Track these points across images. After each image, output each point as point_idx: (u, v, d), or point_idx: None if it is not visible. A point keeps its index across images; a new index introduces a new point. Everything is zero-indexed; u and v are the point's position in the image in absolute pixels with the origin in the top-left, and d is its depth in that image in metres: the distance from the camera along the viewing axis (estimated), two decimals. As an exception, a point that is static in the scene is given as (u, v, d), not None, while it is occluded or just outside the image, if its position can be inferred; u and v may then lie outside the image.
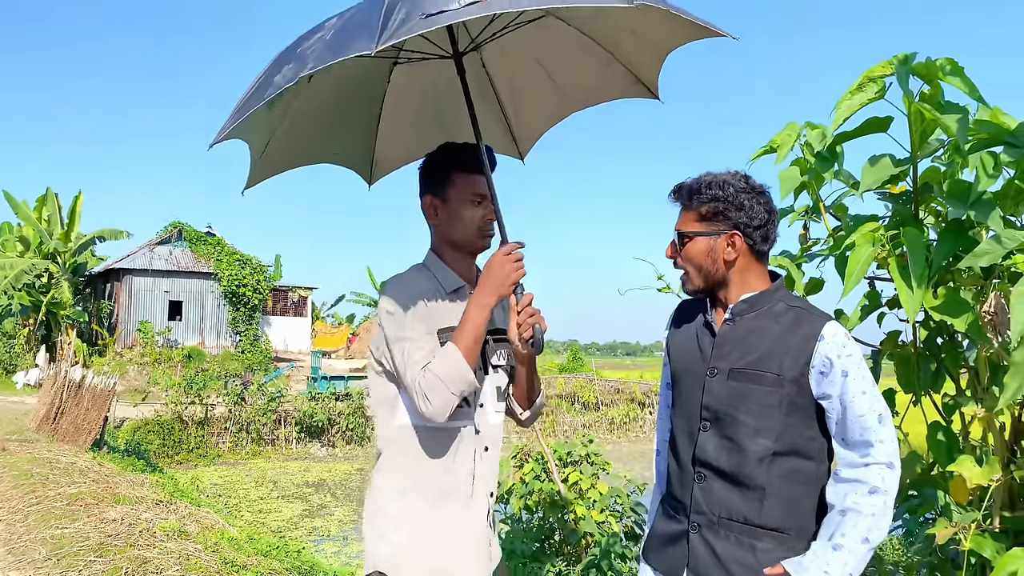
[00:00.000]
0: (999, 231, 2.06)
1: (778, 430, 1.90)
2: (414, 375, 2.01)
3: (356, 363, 33.70)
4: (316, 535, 14.07)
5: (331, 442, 23.51)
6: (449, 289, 2.19)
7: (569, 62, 2.56)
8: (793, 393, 1.89)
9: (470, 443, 2.15)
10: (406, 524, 2.10)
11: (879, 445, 1.84)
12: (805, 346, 1.88)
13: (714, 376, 2.00)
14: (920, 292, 2.11)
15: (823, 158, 2.37)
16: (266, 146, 2.35)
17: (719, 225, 1.98)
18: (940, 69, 2.10)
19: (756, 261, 2.00)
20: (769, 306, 1.97)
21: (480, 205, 2.20)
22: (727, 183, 1.97)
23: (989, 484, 2.08)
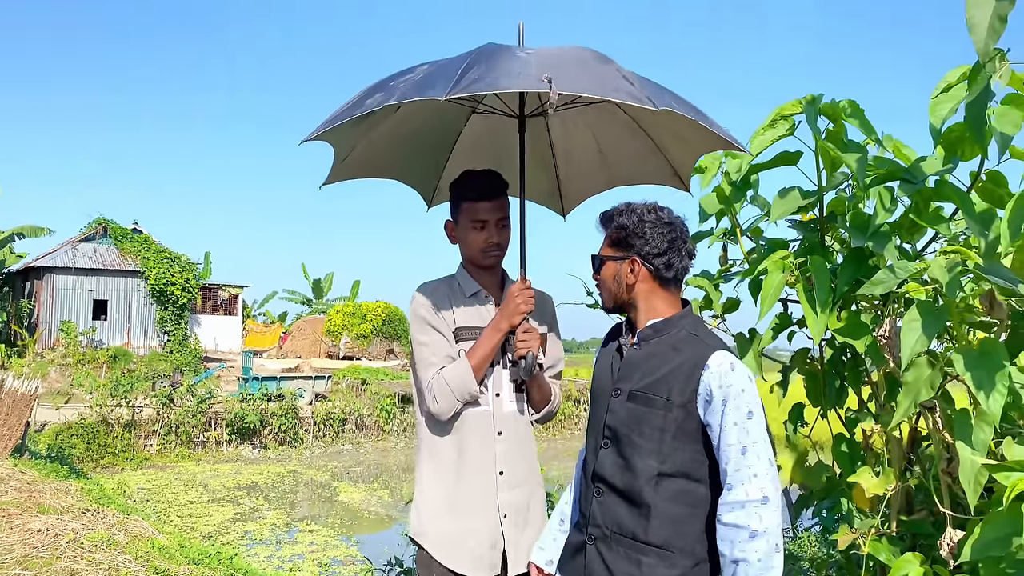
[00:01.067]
0: (894, 261, 2.24)
1: (666, 452, 2.02)
2: (427, 377, 2.47)
3: (288, 363, 33.29)
4: (248, 539, 13.89)
5: (263, 444, 23.17)
6: (468, 293, 2.59)
7: (619, 143, 2.87)
8: (681, 418, 2.01)
9: (484, 428, 2.51)
10: (428, 496, 2.54)
11: (749, 480, 1.90)
12: (693, 374, 2.00)
13: (617, 397, 2.13)
14: (824, 316, 2.28)
15: (738, 187, 2.54)
16: (349, 154, 2.69)
17: (623, 251, 2.12)
18: (843, 110, 2.27)
19: (661, 287, 2.12)
20: (672, 332, 2.09)
21: (482, 230, 2.54)
22: (634, 212, 2.10)
23: (886, 493, 2.27)
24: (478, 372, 2.45)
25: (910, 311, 2.07)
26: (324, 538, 14.13)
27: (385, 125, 2.68)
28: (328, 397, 26.05)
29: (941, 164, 2.34)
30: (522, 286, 2.47)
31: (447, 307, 2.53)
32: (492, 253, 2.56)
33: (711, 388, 1.97)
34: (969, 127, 1.99)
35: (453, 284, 2.61)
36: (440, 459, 2.52)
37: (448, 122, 2.90)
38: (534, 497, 2.62)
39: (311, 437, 24.04)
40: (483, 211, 2.52)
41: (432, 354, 2.48)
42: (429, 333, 2.51)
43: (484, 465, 2.50)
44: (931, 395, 2.09)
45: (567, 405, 30.24)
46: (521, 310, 2.45)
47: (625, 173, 2.99)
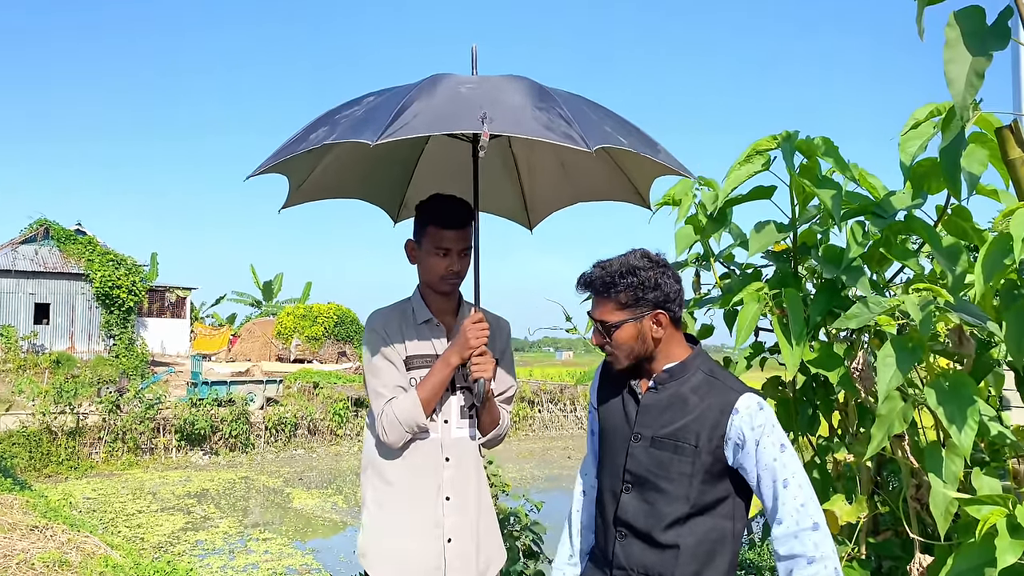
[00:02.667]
0: (868, 295, 2.30)
1: (694, 497, 2.05)
2: (378, 408, 2.50)
3: (238, 366, 32.73)
4: (200, 549, 13.64)
5: (214, 449, 22.77)
6: (420, 320, 2.60)
7: (581, 161, 2.87)
8: (709, 463, 2.04)
9: (432, 454, 2.54)
10: (373, 517, 2.58)
11: (797, 511, 1.93)
12: (721, 420, 2.02)
13: (638, 442, 2.13)
14: (799, 348, 2.33)
15: (714, 220, 2.58)
16: (306, 179, 2.72)
17: (642, 309, 2.09)
18: (817, 148, 2.33)
19: (675, 330, 2.14)
20: (688, 375, 2.11)
21: (445, 257, 2.54)
22: (636, 268, 2.08)
23: (859, 520, 2.33)
24: (427, 405, 2.49)
25: (885, 347, 2.13)
26: (278, 546, 13.94)
27: (341, 149, 2.70)
28: (280, 401, 25.70)
29: (910, 199, 2.41)
30: (474, 320, 2.47)
31: (399, 335, 2.56)
32: (451, 280, 2.58)
33: (743, 432, 2.00)
34: (944, 172, 2.05)
35: (407, 310, 2.63)
36: (386, 482, 2.56)
37: (410, 143, 2.91)
38: (483, 522, 2.65)
39: (263, 442, 23.69)
40: (448, 239, 2.54)
41: (382, 385, 2.52)
42: (380, 362, 2.54)
43: (430, 490, 2.54)
44: (903, 427, 2.16)
45: (521, 407, 30.30)
46: (471, 345, 2.46)
47: (589, 189, 3.02)
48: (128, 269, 32.12)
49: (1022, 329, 1.89)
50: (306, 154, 2.35)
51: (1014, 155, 1.93)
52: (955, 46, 1.74)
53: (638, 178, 2.84)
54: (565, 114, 2.10)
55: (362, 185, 2.96)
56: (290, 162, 2.40)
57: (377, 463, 2.58)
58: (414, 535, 2.53)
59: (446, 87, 2.19)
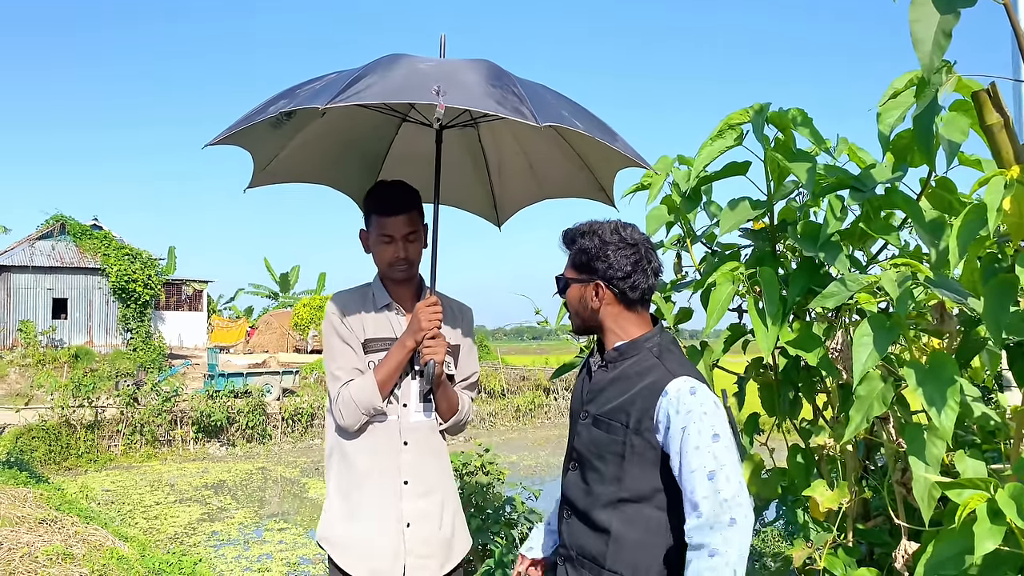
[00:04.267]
0: (845, 273, 2.20)
1: (624, 478, 1.99)
2: (335, 391, 2.50)
3: (255, 358, 32.91)
4: (215, 540, 13.72)
5: (231, 441, 22.92)
6: (379, 305, 2.60)
7: (547, 157, 2.88)
8: (638, 444, 1.98)
9: (390, 438, 2.53)
10: (334, 501, 2.56)
11: (720, 504, 1.83)
12: (650, 400, 1.96)
13: (584, 420, 2.11)
14: (775, 329, 2.24)
15: (688, 199, 2.49)
16: (271, 161, 2.68)
17: (587, 275, 2.07)
18: (792, 120, 2.23)
19: (627, 309, 2.07)
20: (638, 355, 2.05)
21: (390, 244, 2.53)
22: (596, 234, 2.04)
23: (841, 506, 2.24)
24: (383, 388, 2.48)
25: (861, 326, 2.03)
26: (293, 536, 13.99)
27: (309, 132, 2.67)
28: (296, 392, 25.82)
29: (891, 172, 2.31)
30: (428, 303, 2.47)
31: (358, 319, 2.55)
32: (399, 268, 2.57)
33: (669, 415, 1.93)
34: (917, 140, 1.95)
35: (367, 294, 2.63)
36: (346, 465, 2.55)
37: (379, 129, 2.88)
38: (447, 507, 2.63)
39: (279, 433, 23.82)
40: (391, 226, 2.53)
41: (339, 367, 2.52)
42: (338, 345, 2.53)
43: (388, 474, 2.53)
44: (883, 409, 2.06)
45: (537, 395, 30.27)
46: (424, 327, 2.44)
47: (555, 186, 3.01)
48: (144, 263, 32.32)
49: (1000, 305, 1.79)
50: (271, 133, 2.37)
51: (991, 120, 1.82)
52: (922, 4, 1.63)
53: (602, 175, 2.83)
54: (519, 92, 2.09)
55: (330, 172, 2.92)
56: (254, 139, 2.41)
57: (339, 447, 2.57)
58: (373, 519, 2.51)
59: (404, 64, 2.19)
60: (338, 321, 2.54)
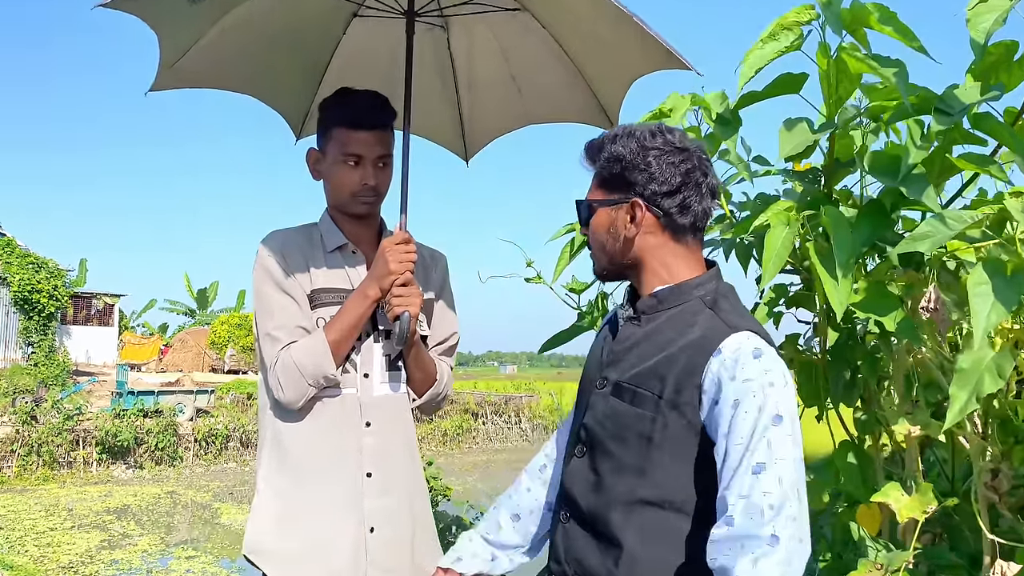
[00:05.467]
0: (938, 210, 1.71)
1: (648, 470, 1.42)
2: (271, 355, 1.92)
3: (169, 376, 31.44)
4: (115, 569, 12.61)
5: (138, 463, 21.53)
6: (331, 247, 2.04)
7: (535, 67, 2.35)
8: (673, 422, 1.41)
9: (348, 417, 1.97)
10: (269, 504, 1.98)
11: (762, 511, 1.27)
12: (696, 361, 1.40)
13: (601, 388, 1.54)
14: (847, 283, 1.73)
15: (725, 122, 1.96)
16: (185, 52, 2.13)
17: (620, 192, 1.51)
18: (868, 15, 1.73)
19: (674, 240, 1.51)
20: (684, 303, 1.49)
21: (356, 167, 1.99)
22: (633, 137, 1.49)
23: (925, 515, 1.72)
24: (338, 350, 1.93)
25: (975, 273, 1.54)
26: (202, 565, 13.01)
27: (236, 16, 2.08)
28: (211, 412, 24.58)
29: (978, 93, 1.83)
30: (398, 239, 1.95)
31: (302, 263, 2.00)
32: (365, 198, 2.02)
33: (720, 381, 1.37)
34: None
35: (313, 235, 2.07)
36: (287, 455, 1.98)
37: (323, 26, 2.31)
38: (416, 504, 2.07)
39: (191, 455, 22.57)
40: (359, 143, 1.97)
41: (277, 327, 1.93)
42: (275, 297, 1.96)
43: (346, 464, 1.97)
44: (999, 385, 1.56)
45: (465, 419, 29.59)
46: (393, 270, 1.91)
47: (541, 107, 2.45)
48: (50, 273, 30.38)
49: None
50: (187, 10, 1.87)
51: None
52: None
53: (606, 91, 2.28)
54: None
55: (258, 78, 2.30)
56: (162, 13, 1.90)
57: (276, 431, 1.99)
58: (324, 524, 1.94)
59: None
60: (275, 266, 1.96)
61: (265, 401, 2.03)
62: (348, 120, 1.97)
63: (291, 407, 1.93)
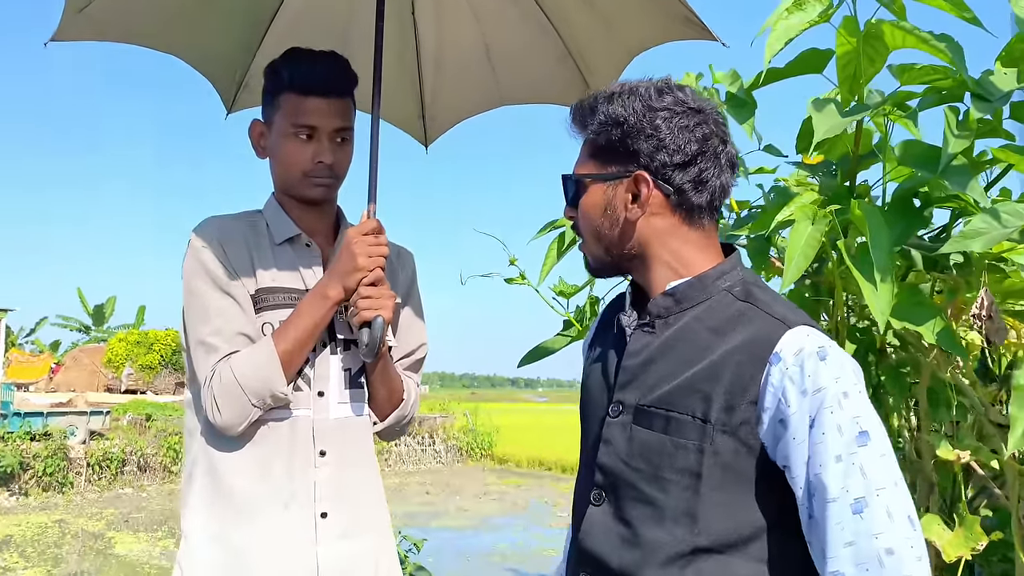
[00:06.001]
0: (987, 204, 1.51)
1: (701, 513, 1.15)
2: (206, 368, 1.60)
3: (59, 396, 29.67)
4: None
5: (23, 490, 20.14)
6: (280, 238, 1.72)
7: (515, 42, 2.04)
8: (727, 450, 1.15)
9: (299, 445, 1.64)
10: (199, 552, 1.63)
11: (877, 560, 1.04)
12: (747, 371, 1.14)
13: (617, 416, 1.25)
14: (888, 288, 1.51)
15: (740, 103, 1.73)
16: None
17: (620, 164, 1.23)
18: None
19: (686, 223, 1.24)
20: (706, 299, 1.22)
21: (309, 141, 1.68)
22: (635, 95, 1.22)
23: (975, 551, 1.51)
24: (290, 363, 1.60)
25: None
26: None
27: None
28: (106, 435, 23.25)
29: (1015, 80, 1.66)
30: (367, 228, 1.66)
31: (245, 256, 1.68)
32: (319, 179, 1.70)
33: (785, 393, 1.11)
34: None
35: (258, 224, 1.75)
36: (224, 493, 1.64)
37: None
38: (382, 551, 1.75)
39: (83, 481, 21.27)
40: (313, 112, 1.67)
41: (214, 332, 1.61)
42: (213, 295, 1.63)
43: (296, 503, 1.64)
44: (1068, 403, 1.36)
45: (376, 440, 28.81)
46: (361, 265, 1.61)
47: (516, 87, 2.17)
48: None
49: None
50: None
51: None
52: None
53: (596, 69, 2.01)
54: None
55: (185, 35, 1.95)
56: None
57: (207, 463, 1.65)
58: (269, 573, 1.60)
59: None
60: (212, 259, 1.64)
61: (194, 425, 1.69)
62: (299, 84, 1.66)
63: (228, 432, 1.60)
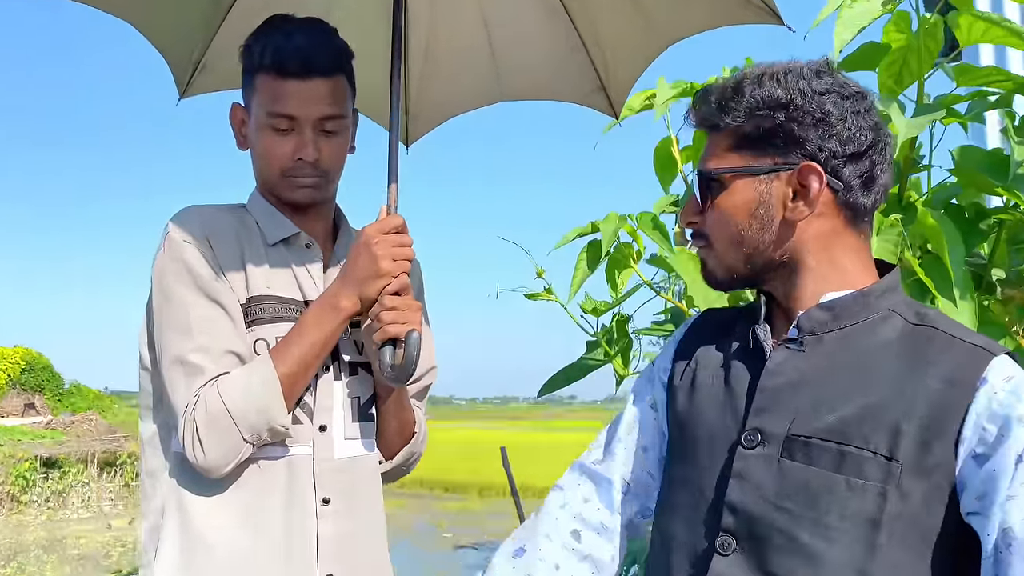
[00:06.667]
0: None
1: (873, 571, 0.96)
2: (186, 393, 1.31)
3: None
4: None
5: None
6: (274, 239, 1.44)
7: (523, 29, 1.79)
8: (916, 494, 0.96)
9: (297, 490, 1.37)
10: None
11: None
12: (950, 401, 0.96)
13: (753, 447, 1.04)
14: (970, 307, 1.37)
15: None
16: None
17: (779, 154, 1.04)
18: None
19: (851, 226, 1.06)
20: (870, 317, 1.04)
21: (288, 135, 1.40)
22: (796, 74, 1.03)
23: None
24: (292, 389, 1.34)
25: None
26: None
27: None
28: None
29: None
30: (389, 225, 1.40)
31: (236, 257, 1.40)
32: (301, 179, 1.42)
33: (992, 420, 0.94)
34: None
35: (246, 220, 1.46)
36: (200, 549, 1.34)
37: None
38: None
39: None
40: (291, 98, 1.38)
41: (199, 348, 1.32)
42: (198, 303, 1.34)
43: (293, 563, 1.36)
44: None
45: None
46: (385, 270, 1.35)
47: (519, 80, 1.92)
48: None
49: None
50: None
51: None
52: None
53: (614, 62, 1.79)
54: None
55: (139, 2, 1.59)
56: None
57: (180, 513, 1.35)
58: None
59: None
60: (198, 258, 1.35)
61: (159, 464, 1.39)
62: (274, 63, 1.37)
63: (211, 474, 1.30)
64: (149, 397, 1.42)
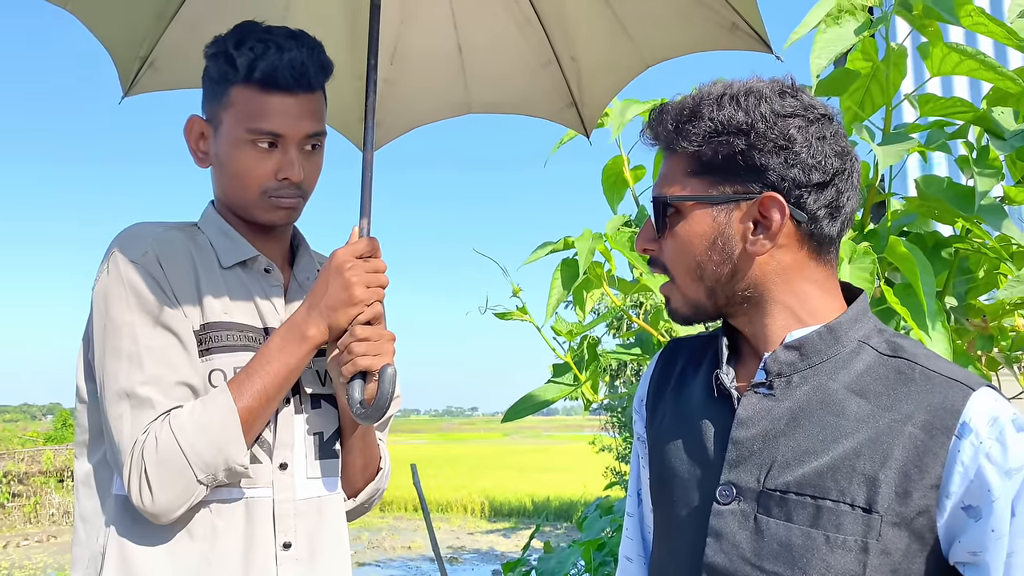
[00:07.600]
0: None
1: None
2: (134, 431, 1.18)
3: None
4: None
5: None
6: (230, 261, 1.33)
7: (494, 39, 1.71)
8: (896, 545, 0.92)
9: (255, 535, 1.26)
10: None
11: None
12: (928, 447, 0.91)
13: (728, 503, 0.99)
14: (944, 337, 1.36)
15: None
16: None
17: (739, 182, 0.98)
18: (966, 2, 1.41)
19: (815, 257, 1.01)
20: (840, 353, 0.99)
21: (271, 151, 1.30)
22: (757, 95, 0.98)
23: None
24: (252, 424, 1.23)
25: None
26: None
27: None
28: None
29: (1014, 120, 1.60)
30: (361, 249, 1.30)
31: (190, 280, 1.29)
32: (283, 199, 1.33)
33: (984, 476, 0.89)
34: None
35: (199, 240, 1.36)
36: None
37: None
38: None
39: None
40: (279, 115, 1.30)
41: (149, 380, 1.20)
42: (147, 331, 1.22)
43: None
44: None
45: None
46: (358, 298, 1.26)
47: (488, 92, 1.86)
48: None
49: None
50: None
51: None
52: None
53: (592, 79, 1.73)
54: None
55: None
56: None
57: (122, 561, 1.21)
58: None
59: None
60: (147, 281, 1.24)
61: (94, 508, 1.26)
62: (260, 76, 1.27)
63: (160, 520, 1.18)
64: (86, 433, 1.28)
